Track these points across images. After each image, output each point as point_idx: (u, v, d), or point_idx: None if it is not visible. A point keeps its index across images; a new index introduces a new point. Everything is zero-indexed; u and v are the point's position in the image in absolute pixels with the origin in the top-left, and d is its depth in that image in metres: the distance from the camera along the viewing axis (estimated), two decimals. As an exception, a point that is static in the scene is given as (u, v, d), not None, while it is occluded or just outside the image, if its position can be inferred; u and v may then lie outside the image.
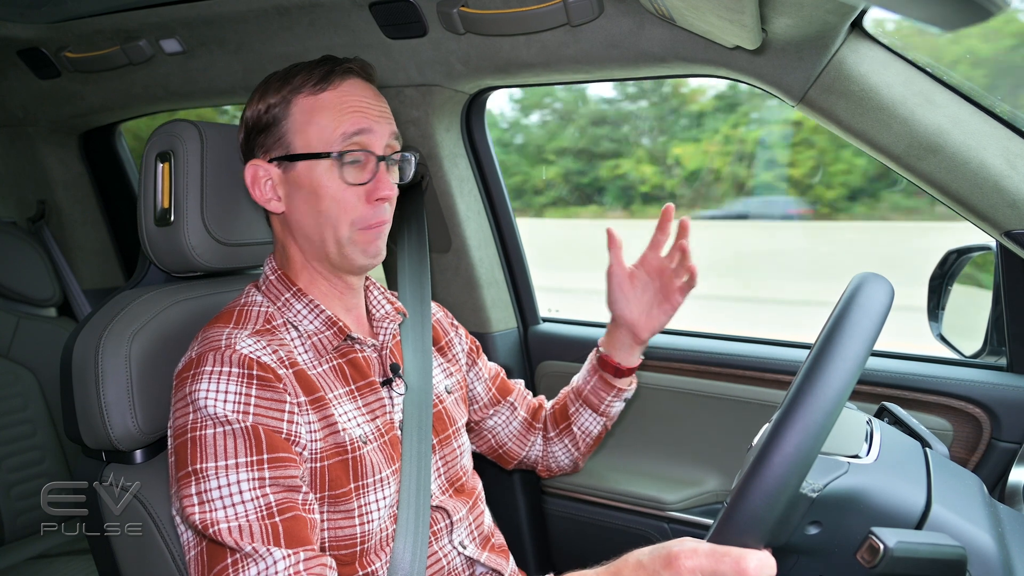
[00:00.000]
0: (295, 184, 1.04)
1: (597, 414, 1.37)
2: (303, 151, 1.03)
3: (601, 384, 1.35)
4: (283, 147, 1.04)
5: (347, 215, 1.03)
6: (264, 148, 1.06)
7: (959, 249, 1.42)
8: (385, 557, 1.04)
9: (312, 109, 1.03)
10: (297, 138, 1.03)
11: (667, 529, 1.59)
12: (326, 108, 1.03)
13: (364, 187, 1.04)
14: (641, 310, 1.30)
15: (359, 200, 1.04)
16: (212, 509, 0.88)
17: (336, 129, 1.02)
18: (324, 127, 1.02)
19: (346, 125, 1.02)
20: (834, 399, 0.68)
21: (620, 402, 1.37)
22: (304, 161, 1.03)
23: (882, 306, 0.71)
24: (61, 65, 1.81)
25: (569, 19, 1.26)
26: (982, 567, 0.74)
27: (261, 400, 0.93)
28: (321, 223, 1.04)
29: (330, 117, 1.03)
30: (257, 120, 1.06)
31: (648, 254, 1.30)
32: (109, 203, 2.35)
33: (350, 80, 1.06)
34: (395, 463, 1.07)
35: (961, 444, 1.35)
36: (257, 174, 1.06)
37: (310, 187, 1.03)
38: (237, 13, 1.50)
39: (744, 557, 0.68)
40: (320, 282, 1.09)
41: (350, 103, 1.04)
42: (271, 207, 1.07)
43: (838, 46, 1.13)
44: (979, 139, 1.11)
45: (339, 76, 1.04)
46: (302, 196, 1.04)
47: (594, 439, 1.40)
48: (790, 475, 0.68)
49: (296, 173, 1.04)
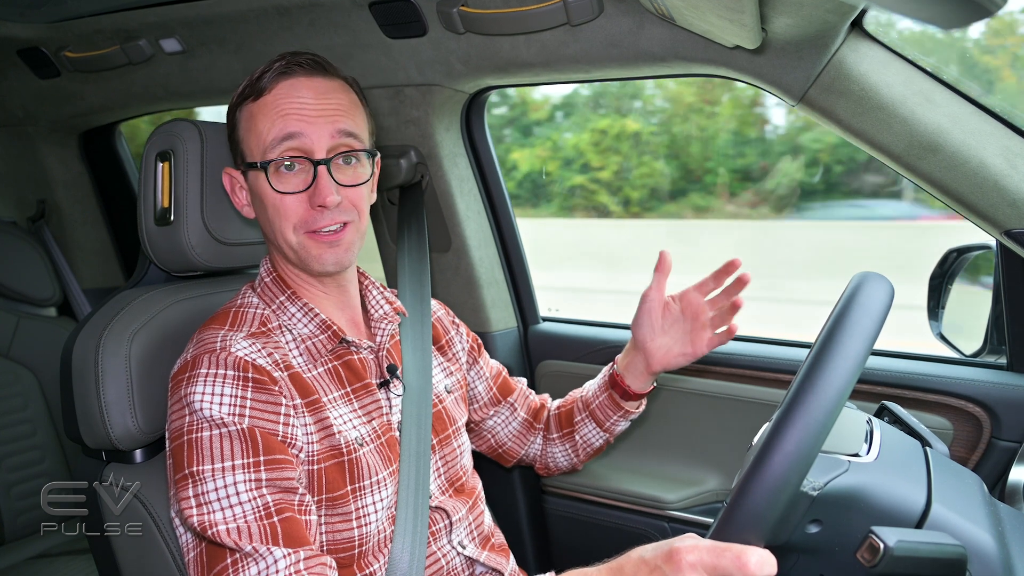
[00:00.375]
0: (252, 191, 1.06)
1: (601, 429, 1.35)
2: (250, 160, 1.03)
3: (609, 402, 1.33)
4: (239, 155, 1.06)
5: (287, 221, 1.01)
6: (234, 156, 1.08)
7: (959, 248, 1.42)
8: (383, 558, 1.04)
9: (251, 116, 1.02)
10: (244, 147, 1.04)
11: (667, 528, 1.59)
12: (262, 114, 1.00)
13: (304, 193, 1.00)
14: (662, 343, 1.25)
15: (300, 205, 1.00)
16: (210, 511, 0.87)
17: (267, 136, 0.99)
18: (260, 134, 1.00)
19: (275, 131, 0.98)
20: (835, 397, 0.68)
21: (625, 423, 1.35)
22: (251, 171, 1.03)
23: (882, 305, 0.71)
24: (61, 65, 1.81)
25: (569, 19, 1.26)
26: (982, 566, 0.74)
27: (257, 403, 0.93)
28: (272, 230, 1.04)
29: (263, 124, 1.00)
30: (229, 127, 1.07)
31: (691, 292, 1.23)
32: (109, 203, 2.35)
33: (288, 81, 1.00)
34: (392, 465, 1.07)
35: (961, 443, 1.35)
36: (232, 182, 1.08)
37: (258, 195, 1.04)
38: (237, 13, 1.50)
39: (745, 552, 0.68)
40: (307, 284, 1.09)
41: (282, 106, 0.99)
42: (245, 213, 1.09)
43: (838, 46, 1.13)
44: (979, 138, 1.11)
45: (274, 78, 1.00)
46: (256, 204, 1.06)
47: (595, 450, 1.39)
48: (791, 473, 0.68)
49: (250, 180, 1.05)
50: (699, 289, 1.23)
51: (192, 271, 1.20)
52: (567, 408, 1.40)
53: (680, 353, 1.24)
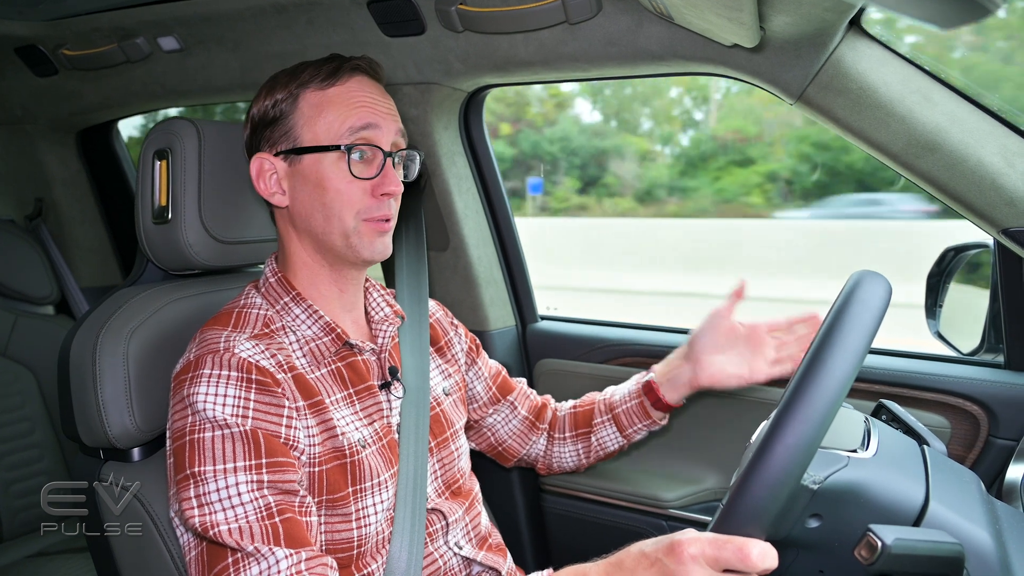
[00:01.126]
0: (301, 177, 1.04)
1: (621, 435, 1.35)
2: (311, 144, 1.03)
3: (638, 409, 1.32)
4: (290, 140, 1.04)
5: (351, 207, 1.03)
6: (270, 142, 1.06)
7: (956, 247, 1.42)
8: (381, 559, 1.04)
9: (320, 103, 1.03)
10: (305, 131, 1.04)
11: (665, 527, 1.59)
12: (334, 103, 1.03)
13: (370, 181, 1.04)
14: (717, 360, 1.25)
15: (364, 194, 1.04)
16: (212, 512, 0.87)
17: (344, 123, 1.02)
18: (332, 121, 1.03)
19: (353, 119, 1.03)
20: (836, 390, 0.68)
21: (646, 432, 1.35)
22: (311, 154, 1.03)
23: (880, 302, 0.72)
24: (59, 63, 1.81)
25: (567, 17, 1.26)
26: (979, 564, 0.75)
27: (260, 404, 0.93)
28: (326, 215, 1.04)
29: (338, 111, 1.03)
30: (264, 115, 1.06)
31: (761, 325, 1.25)
32: (107, 201, 2.34)
33: (357, 77, 1.06)
34: (393, 467, 1.07)
35: (959, 441, 1.35)
36: (263, 167, 1.06)
37: (316, 179, 1.03)
38: (235, 11, 1.50)
39: (747, 544, 0.68)
40: (320, 280, 1.09)
41: (358, 99, 1.04)
42: (275, 200, 1.07)
43: (836, 44, 1.13)
44: (977, 137, 1.11)
45: (347, 73, 1.05)
46: (307, 189, 1.04)
47: (607, 454, 1.38)
48: (792, 466, 0.68)
49: (302, 166, 1.04)
50: (770, 327, 1.25)
51: (190, 269, 1.20)
52: (585, 409, 1.39)
53: (734, 374, 1.24)
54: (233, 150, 1.16)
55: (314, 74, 1.04)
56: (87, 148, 2.27)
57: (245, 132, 1.11)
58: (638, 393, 1.32)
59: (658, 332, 1.69)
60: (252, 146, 1.09)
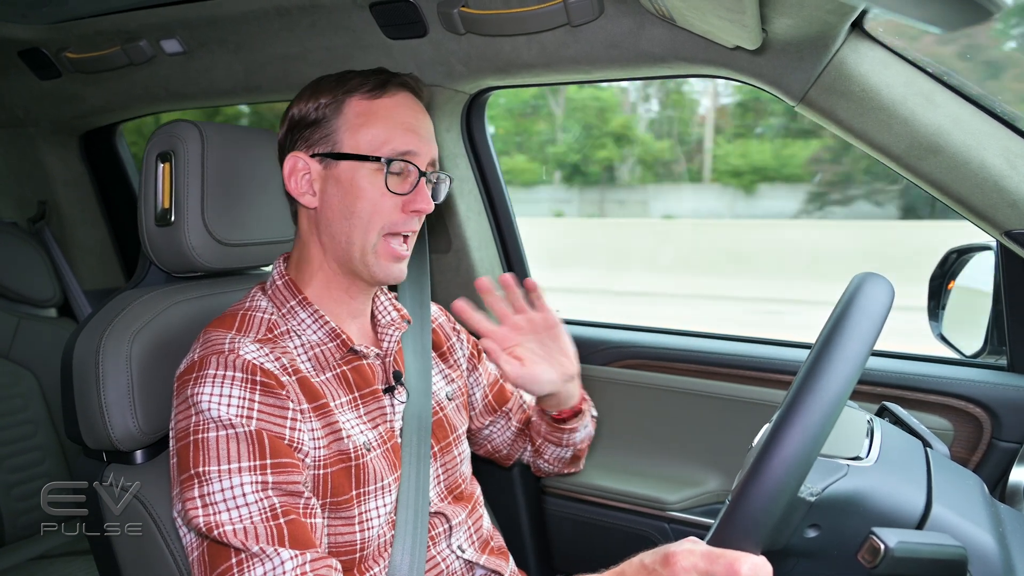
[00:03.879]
0: (335, 181, 1.04)
1: (561, 447, 1.35)
2: (351, 151, 1.03)
3: (551, 429, 1.32)
4: (330, 144, 1.04)
5: (379, 219, 1.04)
6: (308, 142, 1.06)
7: (959, 249, 1.42)
8: (384, 562, 1.04)
9: (366, 113, 1.04)
10: (346, 137, 1.04)
11: (667, 529, 1.59)
12: (380, 116, 1.04)
13: (403, 197, 1.05)
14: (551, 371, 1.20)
15: (394, 208, 1.05)
16: (216, 512, 0.87)
17: (388, 141, 1.03)
18: (376, 134, 1.03)
19: (398, 141, 1.04)
20: (833, 401, 0.68)
21: (581, 432, 1.34)
22: (349, 161, 1.03)
23: (882, 306, 0.71)
24: (62, 66, 1.81)
25: (569, 19, 1.26)
26: (983, 567, 0.74)
27: (264, 406, 0.93)
28: (352, 223, 1.04)
29: (383, 127, 1.04)
30: (305, 116, 1.06)
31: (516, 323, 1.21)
32: (110, 203, 2.35)
33: (404, 93, 1.07)
34: (397, 470, 1.07)
35: (962, 444, 1.35)
36: (296, 166, 1.06)
37: (349, 186, 1.03)
38: (237, 14, 1.50)
39: (738, 560, 0.68)
40: (333, 285, 1.09)
41: (403, 119, 1.05)
42: (304, 200, 1.07)
43: (838, 46, 1.13)
44: (979, 139, 1.11)
45: (395, 87, 1.06)
46: (339, 194, 1.04)
47: (569, 461, 1.39)
48: (788, 479, 0.68)
49: (338, 170, 1.04)
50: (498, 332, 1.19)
51: (193, 272, 1.20)
52: (530, 433, 1.40)
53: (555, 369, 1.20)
54: (236, 153, 1.16)
55: (362, 83, 1.05)
56: (90, 151, 2.27)
57: (281, 130, 1.10)
58: (541, 417, 1.33)
59: (659, 335, 1.69)
60: (287, 145, 1.09)
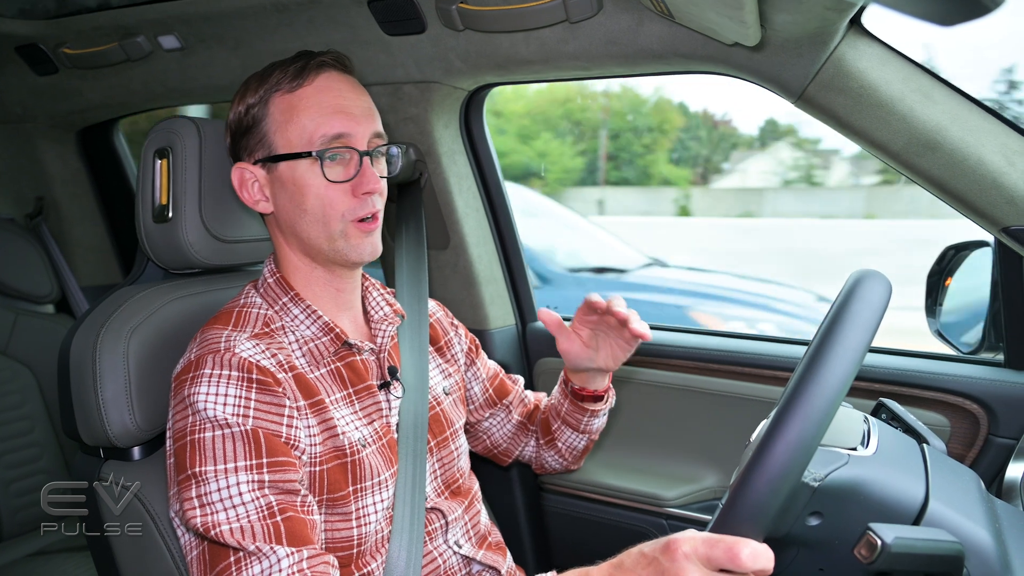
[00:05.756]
0: (280, 183, 1.03)
1: (579, 432, 1.36)
2: (284, 151, 1.02)
3: (574, 408, 1.33)
4: (265, 148, 1.03)
5: (335, 210, 1.02)
6: (248, 150, 1.05)
7: (957, 245, 1.42)
8: (381, 558, 1.04)
9: (290, 107, 1.02)
10: (278, 138, 1.02)
11: (665, 525, 1.59)
12: (303, 107, 1.01)
13: (349, 183, 1.02)
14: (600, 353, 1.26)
15: (345, 195, 1.02)
16: (213, 512, 0.87)
17: (316, 130, 1.00)
18: (304, 126, 1.01)
19: (326, 127, 1.00)
20: (836, 387, 0.68)
21: (599, 419, 1.35)
22: (286, 161, 1.02)
23: (881, 300, 0.72)
24: (59, 61, 1.81)
25: (568, 16, 1.26)
26: (979, 563, 0.75)
27: (261, 404, 0.93)
28: (308, 221, 1.03)
29: (310, 116, 1.01)
30: (239, 122, 1.05)
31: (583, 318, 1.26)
32: (107, 200, 2.34)
33: (326, 73, 1.03)
34: (394, 466, 1.07)
35: (958, 440, 1.35)
36: (244, 176, 1.06)
37: (294, 186, 1.02)
38: (235, 10, 1.50)
39: (738, 544, 0.68)
40: (315, 281, 1.09)
41: (329, 102, 1.02)
42: (260, 208, 1.07)
43: (837, 43, 1.12)
44: (977, 136, 1.11)
45: (313, 71, 1.02)
46: (287, 195, 1.03)
47: (580, 452, 1.40)
48: (793, 463, 0.68)
49: (279, 173, 1.03)
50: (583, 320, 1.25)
51: (190, 268, 1.20)
52: (544, 417, 1.40)
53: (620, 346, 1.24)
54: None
55: (282, 76, 1.02)
56: (87, 147, 2.27)
57: (226, 140, 1.09)
58: (565, 395, 1.34)
59: (657, 331, 1.69)
60: (233, 154, 1.08)
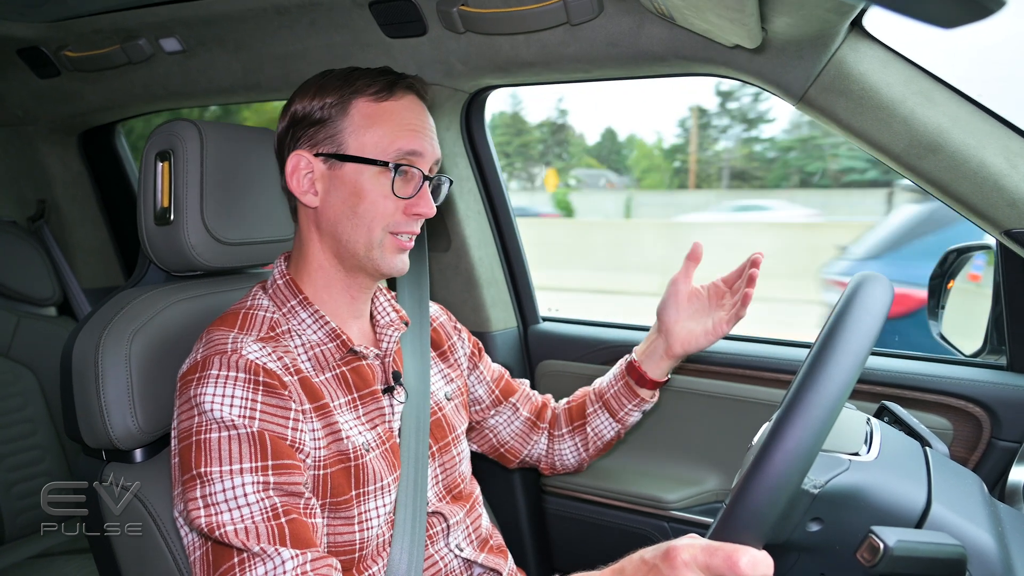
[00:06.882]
0: (339, 182, 1.04)
1: (614, 419, 1.35)
2: (356, 153, 1.03)
3: (625, 390, 1.34)
4: (334, 144, 1.04)
5: (381, 221, 1.04)
6: (312, 141, 1.05)
7: (959, 248, 1.42)
8: (383, 562, 1.04)
9: (372, 115, 1.04)
10: (352, 139, 1.03)
11: (667, 528, 1.59)
12: (386, 119, 1.04)
13: (407, 200, 1.05)
14: (686, 327, 1.28)
15: (397, 210, 1.05)
16: (217, 512, 0.87)
17: (393, 143, 1.03)
18: (382, 136, 1.03)
19: (404, 142, 1.03)
20: (836, 393, 0.68)
21: (638, 413, 1.36)
22: (354, 163, 1.03)
23: (882, 304, 0.72)
24: (61, 64, 1.81)
25: (569, 18, 1.26)
26: (982, 566, 0.74)
27: (267, 406, 0.93)
28: (355, 223, 1.04)
29: (389, 128, 1.03)
30: (308, 114, 1.05)
31: (719, 283, 1.28)
32: (109, 202, 2.35)
33: (410, 96, 1.07)
34: (396, 471, 1.07)
35: (961, 443, 1.35)
36: (299, 165, 1.05)
37: (354, 188, 1.03)
38: (236, 12, 1.50)
39: (737, 552, 0.68)
40: (334, 285, 1.08)
41: (409, 121, 1.05)
42: (306, 200, 1.06)
43: (838, 45, 1.12)
44: (979, 138, 1.11)
45: (402, 90, 1.06)
46: (342, 195, 1.04)
47: (605, 444, 1.39)
48: (792, 470, 0.68)
49: (343, 172, 1.04)
50: (726, 282, 1.27)
51: (192, 271, 1.20)
52: (578, 402, 1.41)
53: (702, 334, 1.27)
54: (235, 151, 1.16)
55: (369, 84, 1.04)
56: (89, 149, 2.27)
57: (281, 124, 1.09)
58: (622, 375, 1.35)
59: None
60: (288, 141, 1.07)
